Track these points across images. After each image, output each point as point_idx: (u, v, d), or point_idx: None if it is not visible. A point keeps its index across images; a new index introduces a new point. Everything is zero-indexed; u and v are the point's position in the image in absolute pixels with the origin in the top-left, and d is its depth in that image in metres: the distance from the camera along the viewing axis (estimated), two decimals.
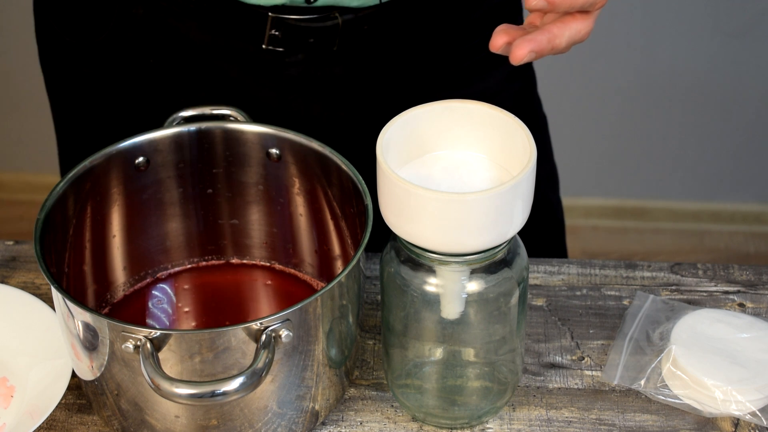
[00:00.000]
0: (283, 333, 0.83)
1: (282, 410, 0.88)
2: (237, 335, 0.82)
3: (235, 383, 0.79)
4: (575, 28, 0.84)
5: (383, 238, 0.90)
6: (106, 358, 0.85)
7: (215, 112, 0.99)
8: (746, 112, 2.18)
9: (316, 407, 0.91)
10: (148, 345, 0.81)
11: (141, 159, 0.98)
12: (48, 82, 1.18)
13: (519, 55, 0.82)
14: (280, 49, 1.05)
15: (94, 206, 0.97)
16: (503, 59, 1.16)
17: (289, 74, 1.07)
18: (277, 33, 1.03)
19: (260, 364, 0.80)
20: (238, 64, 1.07)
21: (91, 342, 0.85)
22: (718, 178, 2.27)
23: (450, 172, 0.87)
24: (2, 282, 1.06)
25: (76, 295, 0.96)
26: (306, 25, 1.03)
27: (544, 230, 1.24)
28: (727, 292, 1.05)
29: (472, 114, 0.87)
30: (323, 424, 0.94)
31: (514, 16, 1.16)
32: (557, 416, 0.95)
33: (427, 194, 0.81)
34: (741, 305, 1.03)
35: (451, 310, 0.88)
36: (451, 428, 0.94)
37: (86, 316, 0.84)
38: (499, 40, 0.84)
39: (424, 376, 0.94)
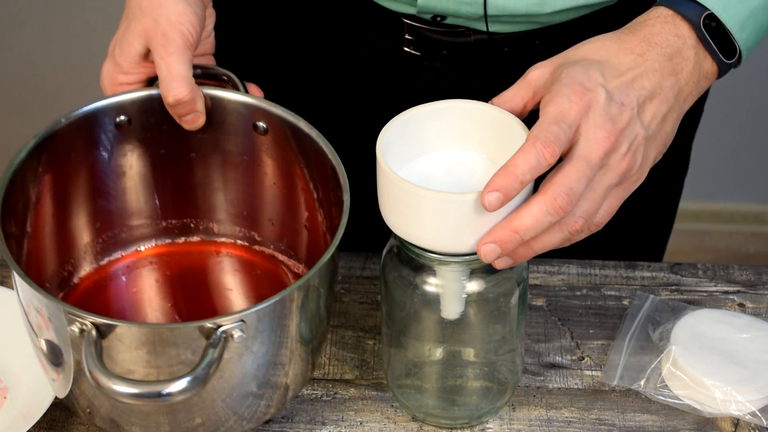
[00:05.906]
0: (236, 333, 0.81)
1: (260, 391, 0.86)
2: (187, 333, 0.80)
3: (180, 384, 0.77)
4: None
5: (383, 238, 0.90)
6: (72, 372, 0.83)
7: (210, 71, 0.97)
8: (746, 112, 2.18)
9: (288, 382, 0.89)
10: (93, 332, 0.79)
11: (123, 118, 0.95)
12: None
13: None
14: (418, 54, 1.05)
15: (59, 173, 0.94)
16: None
17: (426, 77, 1.07)
18: (412, 38, 1.04)
19: (205, 364, 0.78)
20: (382, 57, 1.07)
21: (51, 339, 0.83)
22: (718, 178, 2.26)
23: (450, 172, 0.87)
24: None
25: (36, 278, 0.92)
26: (438, 37, 1.03)
27: None
28: (727, 292, 1.05)
29: (472, 114, 0.87)
30: (323, 424, 0.94)
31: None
32: (557, 416, 0.95)
33: (427, 194, 0.81)
34: (741, 305, 1.03)
35: (451, 310, 0.88)
36: (451, 428, 0.94)
37: (37, 296, 0.82)
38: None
39: (424, 376, 0.93)
